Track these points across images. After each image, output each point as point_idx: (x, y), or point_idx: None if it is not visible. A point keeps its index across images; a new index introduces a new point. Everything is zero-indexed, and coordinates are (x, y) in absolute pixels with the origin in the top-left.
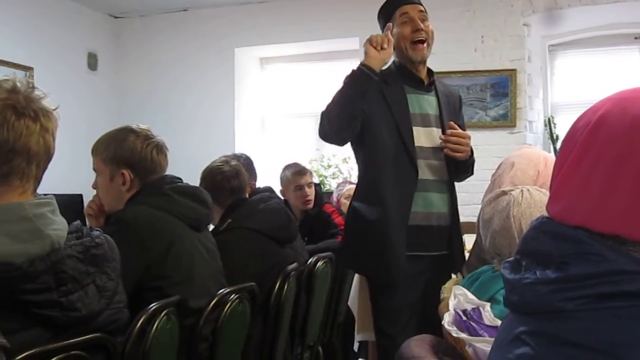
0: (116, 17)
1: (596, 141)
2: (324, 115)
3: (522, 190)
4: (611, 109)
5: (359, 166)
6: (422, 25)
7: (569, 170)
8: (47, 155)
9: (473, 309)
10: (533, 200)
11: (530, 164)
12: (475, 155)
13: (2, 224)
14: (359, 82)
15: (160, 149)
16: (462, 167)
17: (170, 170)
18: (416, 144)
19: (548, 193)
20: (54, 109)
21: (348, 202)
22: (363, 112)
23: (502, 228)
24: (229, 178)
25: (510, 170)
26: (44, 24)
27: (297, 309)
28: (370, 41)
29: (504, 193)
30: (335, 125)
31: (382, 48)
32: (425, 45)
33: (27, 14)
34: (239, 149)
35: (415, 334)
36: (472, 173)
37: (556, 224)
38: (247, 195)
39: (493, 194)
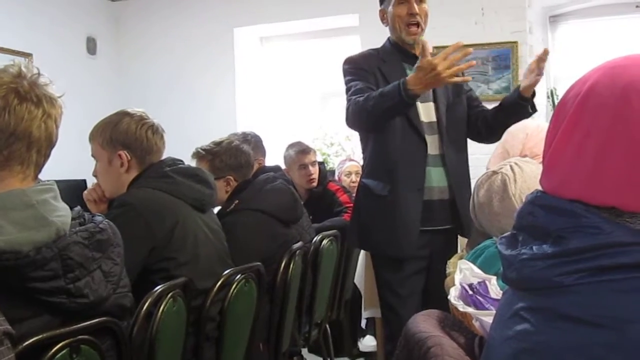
0: (114, 0)
1: (587, 111)
2: (362, 112)
3: (510, 166)
4: (601, 79)
5: (365, 144)
6: (416, 8)
7: (560, 142)
8: (49, 141)
9: (479, 282)
10: (526, 174)
11: (520, 129)
12: None
13: (6, 212)
14: (401, 107)
15: (156, 129)
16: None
17: (172, 151)
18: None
19: (535, 162)
20: (59, 96)
21: (348, 179)
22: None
23: (505, 209)
24: (244, 153)
25: (505, 136)
26: (42, 10)
27: (303, 288)
28: (433, 64)
29: (494, 173)
30: (372, 126)
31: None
32: (418, 29)
33: (24, 0)
34: (240, 129)
35: (419, 308)
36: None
37: (551, 198)
38: (254, 171)
39: (484, 176)
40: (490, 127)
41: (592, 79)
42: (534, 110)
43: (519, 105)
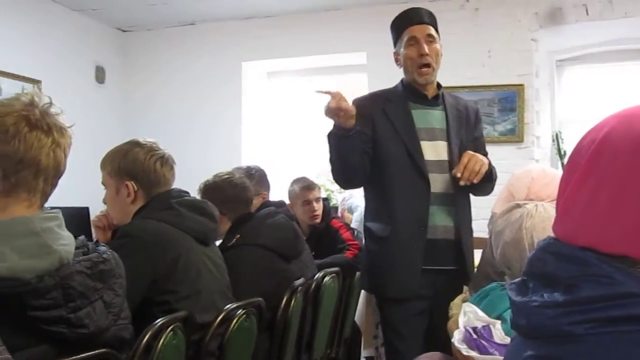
0: (124, 31)
1: (601, 160)
2: (331, 165)
3: (536, 205)
4: (616, 127)
5: (365, 186)
6: (426, 49)
7: (574, 189)
8: (56, 170)
9: (483, 326)
10: (547, 215)
11: (523, 173)
12: None
13: (10, 238)
14: (340, 143)
15: (166, 161)
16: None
17: (176, 183)
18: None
19: None
20: (69, 126)
21: (351, 216)
22: (366, 135)
23: (512, 240)
24: (243, 189)
25: (510, 180)
26: (52, 37)
27: (303, 324)
28: (326, 112)
29: (518, 206)
30: (342, 178)
31: (338, 115)
32: (429, 69)
33: (35, 27)
34: (245, 163)
35: (422, 349)
36: (493, 181)
37: (563, 245)
38: (258, 205)
39: (507, 207)
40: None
41: (607, 127)
42: (492, 177)
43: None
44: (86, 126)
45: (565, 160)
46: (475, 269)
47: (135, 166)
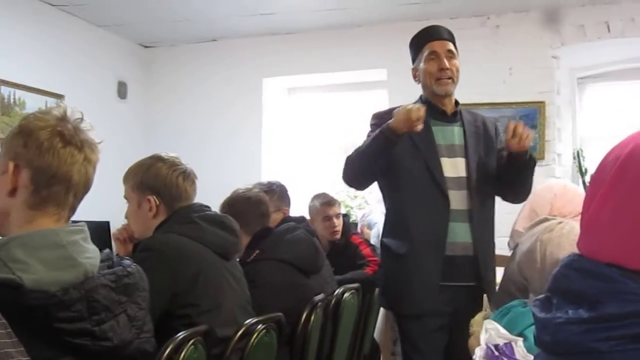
0: (146, 47)
1: (626, 177)
2: (348, 162)
3: (561, 221)
4: None
5: (385, 202)
6: (447, 64)
7: (599, 205)
8: (86, 186)
9: (505, 343)
10: (565, 232)
11: (544, 189)
12: None
13: (36, 250)
14: (382, 145)
15: (187, 176)
16: (521, 165)
17: (197, 199)
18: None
19: None
20: (99, 142)
21: (370, 232)
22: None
23: (528, 250)
24: (257, 203)
25: (530, 196)
26: (75, 53)
27: (323, 340)
28: (409, 111)
29: (547, 219)
30: (354, 177)
31: (413, 124)
32: (450, 80)
33: (58, 43)
34: (265, 178)
35: None
36: (529, 186)
37: (587, 261)
38: (278, 220)
39: (534, 221)
40: (502, 182)
41: (632, 143)
42: (532, 159)
43: (514, 160)
44: (108, 141)
45: (587, 178)
46: (497, 286)
47: (157, 181)
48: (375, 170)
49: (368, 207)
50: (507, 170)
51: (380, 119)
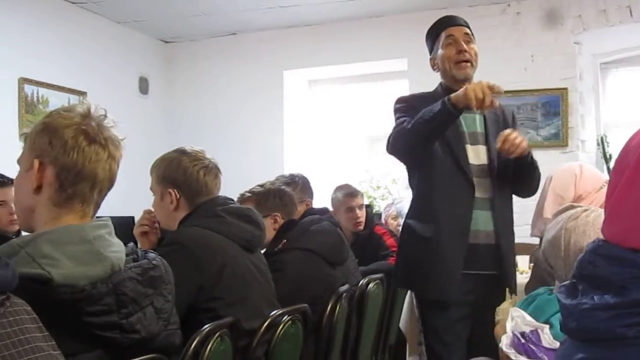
0: (167, 42)
1: None
2: (407, 131)
3: (587, 209)
4: None
5: (412, 184)
6: (465, 47)
7: (623, 190)
8: (110, 183)
9: (532, 331)
10: (591, 220)
11: (565, 172)
12: None
13: (63, 246)
14: (448, 120)
15: (209, 170)
16: (524, 167)
17: (220, 192)
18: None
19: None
20: (122, 139)
21: (395, 223)
22: None
23: (553, 237)
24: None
25: (550, 182)
26: (97, 50)
27: (348, 331)
28: (475, 90)
29: (572, 207)
30: (410, 147)
31: (484, 101)
32: (468, 64)
33: (79, 40)
34: (288, 170)
35: (464, 356)
36: (536, 169)
37: (613, 247)
38: (302, 212)
39: (561, 207)
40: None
41: None
42: (534, 163)
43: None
44: (130, 136)
45: (611, 164)
46: (519, 274)
47: (177, 174)
48: (433, 143)
49: (397, 196)
50: (515, 171)
51: (406, 103)
